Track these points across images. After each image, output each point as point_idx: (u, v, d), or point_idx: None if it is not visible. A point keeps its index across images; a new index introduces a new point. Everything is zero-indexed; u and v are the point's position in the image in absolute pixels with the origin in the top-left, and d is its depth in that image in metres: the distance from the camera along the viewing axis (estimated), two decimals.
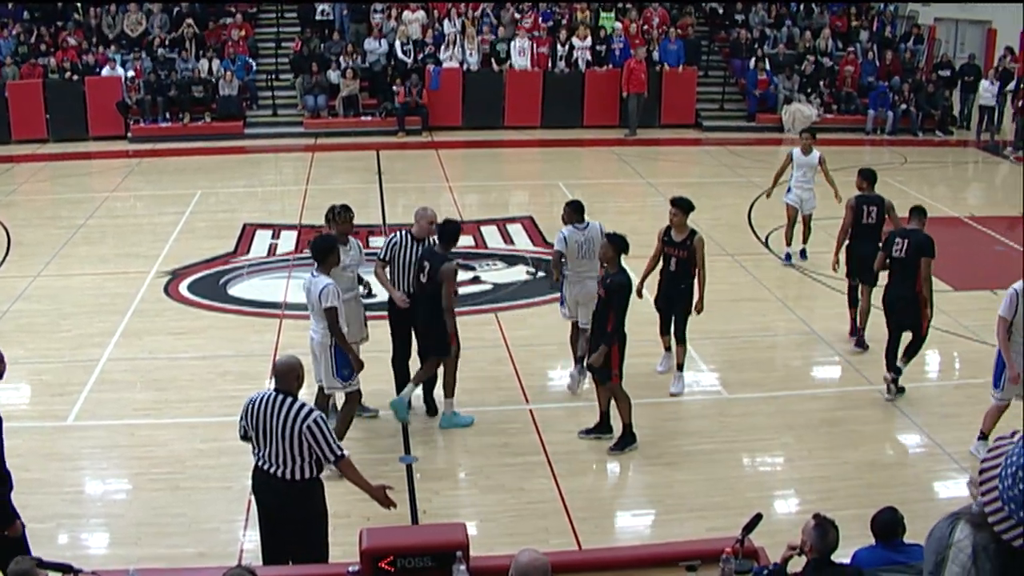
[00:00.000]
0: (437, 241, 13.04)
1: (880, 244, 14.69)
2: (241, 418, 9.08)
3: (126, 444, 12.74)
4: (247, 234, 21.03)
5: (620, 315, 12.32)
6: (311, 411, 8.79)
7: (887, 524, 8.21)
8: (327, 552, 9.12)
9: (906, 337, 14.08)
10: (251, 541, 10.54)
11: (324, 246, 11.79)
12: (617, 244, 12.47)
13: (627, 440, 12.75)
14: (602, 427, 12.94)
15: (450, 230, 13.07)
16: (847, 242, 16.02)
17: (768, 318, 17.07)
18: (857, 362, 15.47)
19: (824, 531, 7.49)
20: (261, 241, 20.68)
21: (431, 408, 13.63)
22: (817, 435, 13.30)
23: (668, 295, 14.26)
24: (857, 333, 16.08)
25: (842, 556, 7.98)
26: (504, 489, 11.78)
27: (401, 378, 13.51)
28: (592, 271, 13.65)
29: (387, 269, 13.25)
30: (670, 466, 12.47)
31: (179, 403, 13.78)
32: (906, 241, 14.00)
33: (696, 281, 13.96)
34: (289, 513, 8.97)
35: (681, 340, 14.23)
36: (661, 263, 14.23)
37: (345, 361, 11.75)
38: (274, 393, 8.89)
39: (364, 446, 12.38)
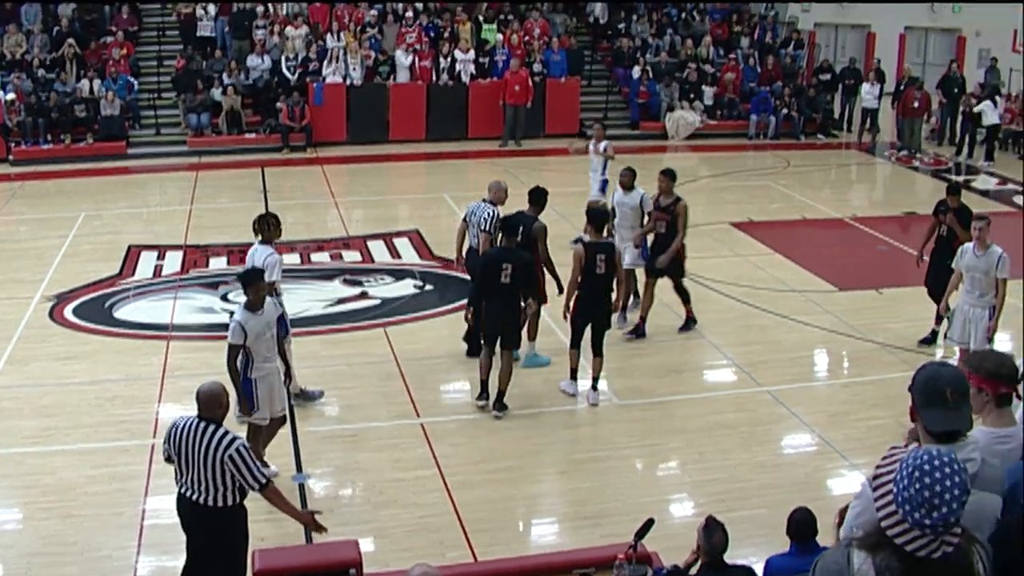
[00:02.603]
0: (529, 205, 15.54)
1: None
2: (164, 441, 9.05)
3: (14, 473, 12.51)
4: (132, 256, 20.73)
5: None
6: (234, 439, 8.76)
7: (801, 524, 8.28)
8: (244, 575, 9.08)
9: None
10: (144, 567, 10.47)
11: (250, 277, 11.75)
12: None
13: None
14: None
15: (539, 194, 15.66)
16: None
17: (655, 323, 17.14)
18: (746, 364, 15.65)
19: (710, 532, 7.58)
20: (147, 263, 20.38)
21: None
22: (708, 438, 13.43)
23: None
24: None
25: (751, 558, 8.09)
26: (398, 504, 11.76)
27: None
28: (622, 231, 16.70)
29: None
30: (563, 475, 12.56)
31: (68, 429, 13.54)
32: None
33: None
34: (211, 539, 8.94)
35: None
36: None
37: (249, 393, 11.64)
38: (196, 420, 8.84)
39: None
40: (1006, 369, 6.00)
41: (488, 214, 15.26)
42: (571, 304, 14.18)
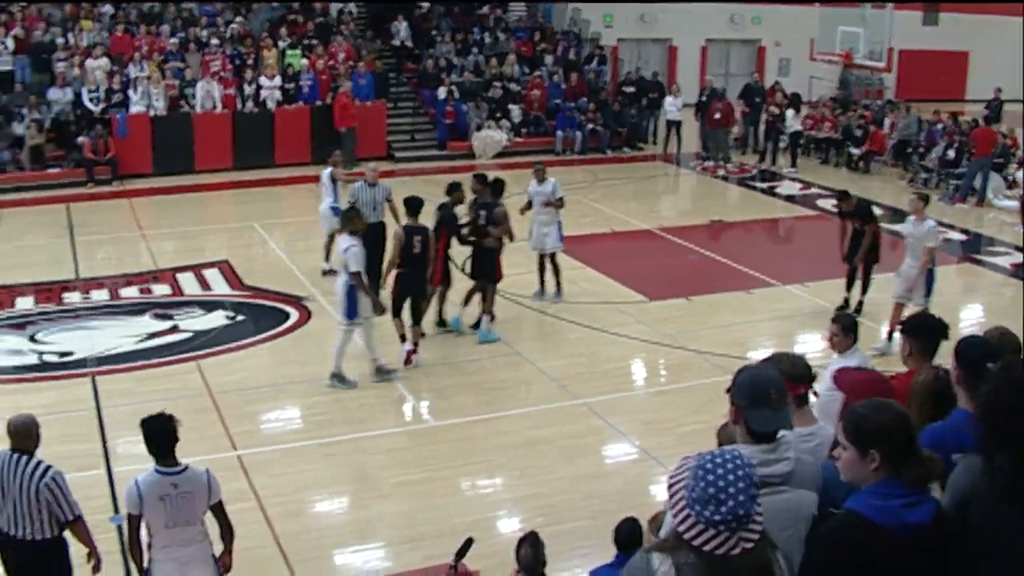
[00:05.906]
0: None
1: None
2: None
3: None
4: None
5: None
6: (48, 468, 8.67)
7: (628, 534, 8.31)
8: None
9: None
10: None
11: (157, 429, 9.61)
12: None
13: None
14: None
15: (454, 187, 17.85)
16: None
17: (471, 344, 17.18)
18: (563, 378, 15.77)
19: (519, 548, 7.65)
20: None
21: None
22: (529, 453, 13.50)
23: None
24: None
25: (575, 569, 8.10)
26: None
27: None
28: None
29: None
30: (384, 498, 12.47)
31: None
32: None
33: None
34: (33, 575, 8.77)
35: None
36: None
37: None
38: (10, 453, 8.72)
39: None
40: (800, 369, 6.29)
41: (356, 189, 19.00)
42: (392, 280, 15.96)
